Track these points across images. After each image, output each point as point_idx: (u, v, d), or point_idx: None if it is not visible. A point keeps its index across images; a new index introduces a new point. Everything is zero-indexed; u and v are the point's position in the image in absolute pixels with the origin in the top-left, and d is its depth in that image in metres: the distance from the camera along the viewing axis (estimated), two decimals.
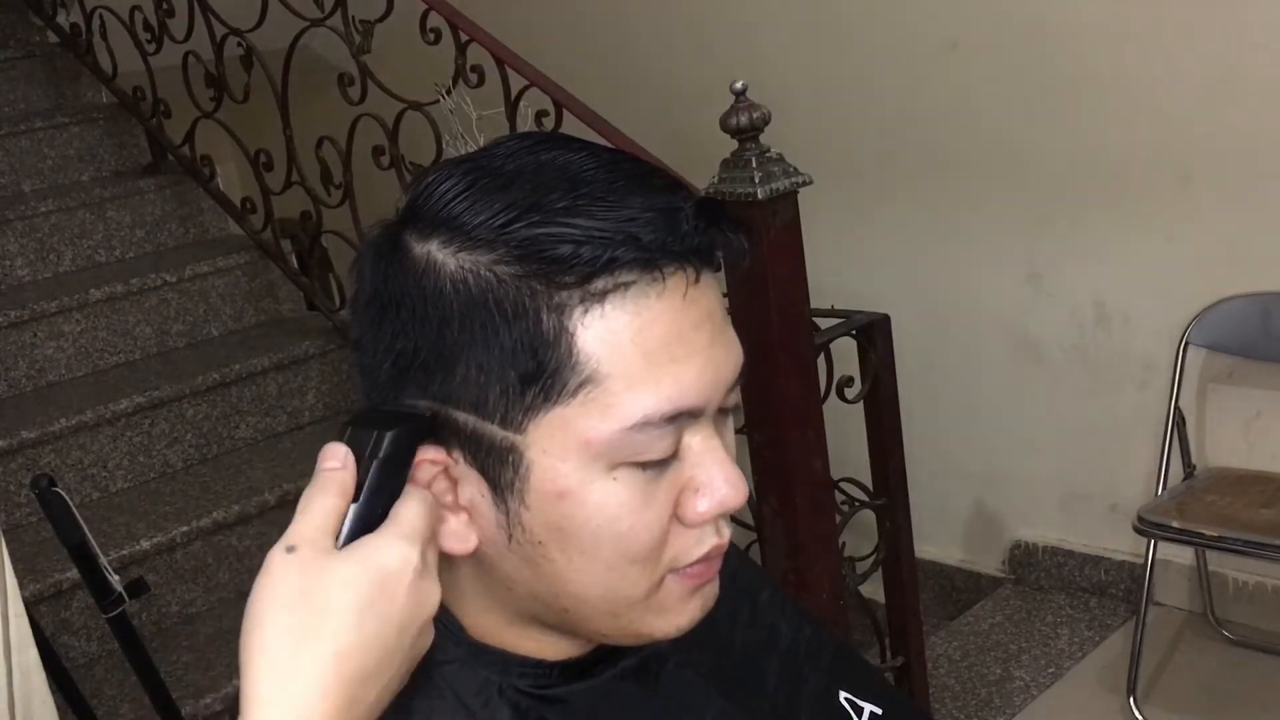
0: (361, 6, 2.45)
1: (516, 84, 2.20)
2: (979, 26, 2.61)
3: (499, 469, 0.63)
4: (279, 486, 2.48)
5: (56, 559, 2.14)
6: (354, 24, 2.45)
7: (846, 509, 2.12)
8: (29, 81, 3.22)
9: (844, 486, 2.11)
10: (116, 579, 1.68)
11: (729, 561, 0.71)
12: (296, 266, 2.98)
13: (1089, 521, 2.81)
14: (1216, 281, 2.46)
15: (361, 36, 2.45)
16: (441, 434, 0.64)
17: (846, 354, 2.08)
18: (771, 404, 1.85)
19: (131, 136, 3.18)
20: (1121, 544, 2.74)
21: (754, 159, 1.78)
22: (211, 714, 2.10)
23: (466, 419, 0.63)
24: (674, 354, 0.62)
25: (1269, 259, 2.40)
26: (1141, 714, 2.38)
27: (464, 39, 2.29)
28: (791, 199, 1.83)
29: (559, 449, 0.62)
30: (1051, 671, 2.59)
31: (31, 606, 1.77)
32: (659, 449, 0.63)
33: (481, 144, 1.22)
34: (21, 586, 1.48)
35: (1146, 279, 2.55)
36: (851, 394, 2.07)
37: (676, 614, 0.67)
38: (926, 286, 2.84)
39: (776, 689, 0.82)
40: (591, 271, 0.60)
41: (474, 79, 2.26)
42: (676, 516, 0.65)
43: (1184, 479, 2.50)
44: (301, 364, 2.80)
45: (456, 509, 0.65)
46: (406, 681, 0.64)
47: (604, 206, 0.61)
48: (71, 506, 1.63)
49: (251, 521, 2.44)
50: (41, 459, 2.43)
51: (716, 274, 0.65)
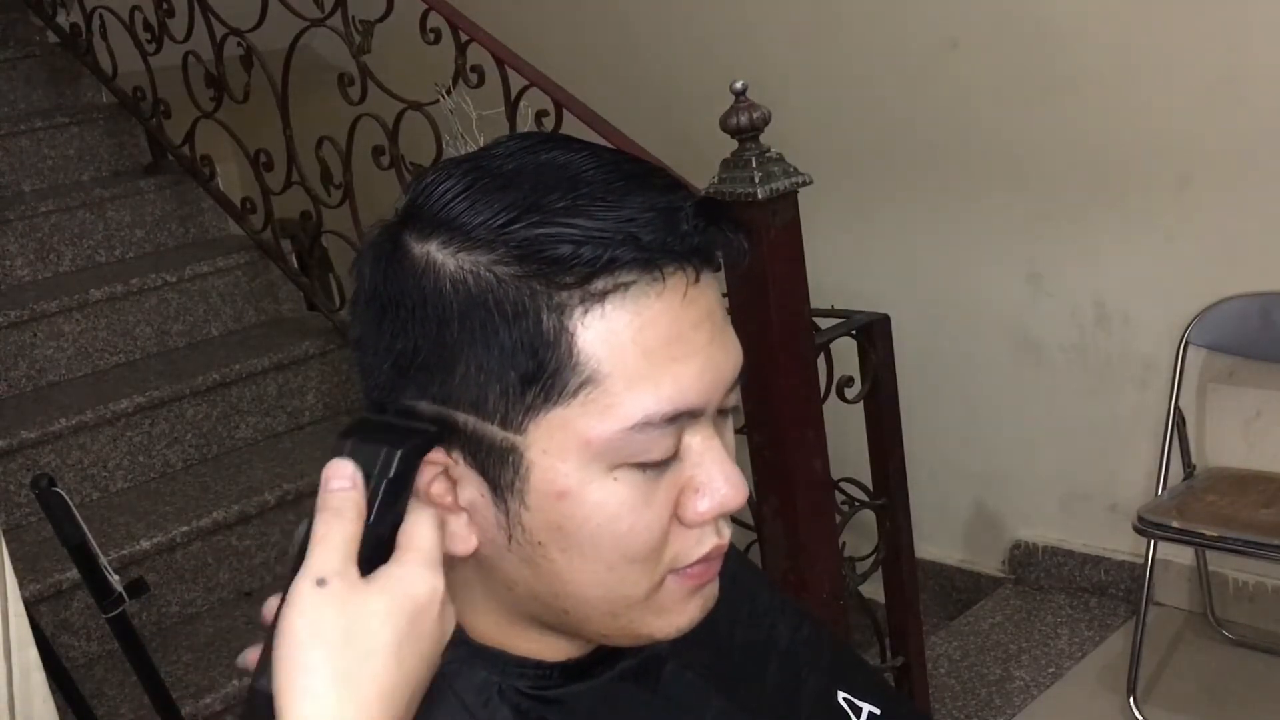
0: (361, 6, 2.45)
1: (516, 84, 2.20)
2: (979, 26, 2.61)
3: (499, 469, 0.63)
4: (279, 486, 2.47)
5: (56, 559, 2.14)
6: (354, 24, 2.45)
7: (846, 509, 2.12)
8: (29, 81, 3.22)
9: (844, 486, 2.11)
10: (116, 579, 1.68)
11: (728, 563, 0.70)
12: (296, 266, 2.98)
13: (1089, 521, 2.81)
14: (1216, 281, 2.46)
15: (361, 36, 2.45)
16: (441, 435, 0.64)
17: (846, 354, 2.07)
18: (771, 404, 1.85)
19: (131, 136, 3.18)
20: (1121, 544, 2.74)
21: (754, 159, 1.78)
22: (211, 714, 2.10)
23: (466, 419, 0.63)
24: (674, 354, 0.62)
25: (1269, 259, 2.40)
26: (1141, 714, 2.38)
27: (464, 39, 2.29)
28: (791, 199, 1.83)
29: (559, 449, 0.62)
30: (1051, 671, 2.59)
31: (31, 606, 1.77)
32: (659, 449, 0.63)
33: (481, 144, 1.22)
34: (21, 586, 1.48)
35: (1146, 279, 2.55)
36: (851, 394, 2.07)
37: (676, 614, 0.67)
38: (926, 286, 2.84)
39: (776, 689, 0.82)
40: (591, 271, 0.60)
41: (474, 79, 2.26)
42: (677, 517, 0.65)
43: (1184, 479, 2.50)
44: (301, 364, 2.80)
45: (456, 510, 0.65)
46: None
47: (604, 206, 0.61)
48: (71, 506, 1.63)
49: (251, 521, 2.43)
50: (41, 459, 2.43)
51: (716, 274, 0.65)
